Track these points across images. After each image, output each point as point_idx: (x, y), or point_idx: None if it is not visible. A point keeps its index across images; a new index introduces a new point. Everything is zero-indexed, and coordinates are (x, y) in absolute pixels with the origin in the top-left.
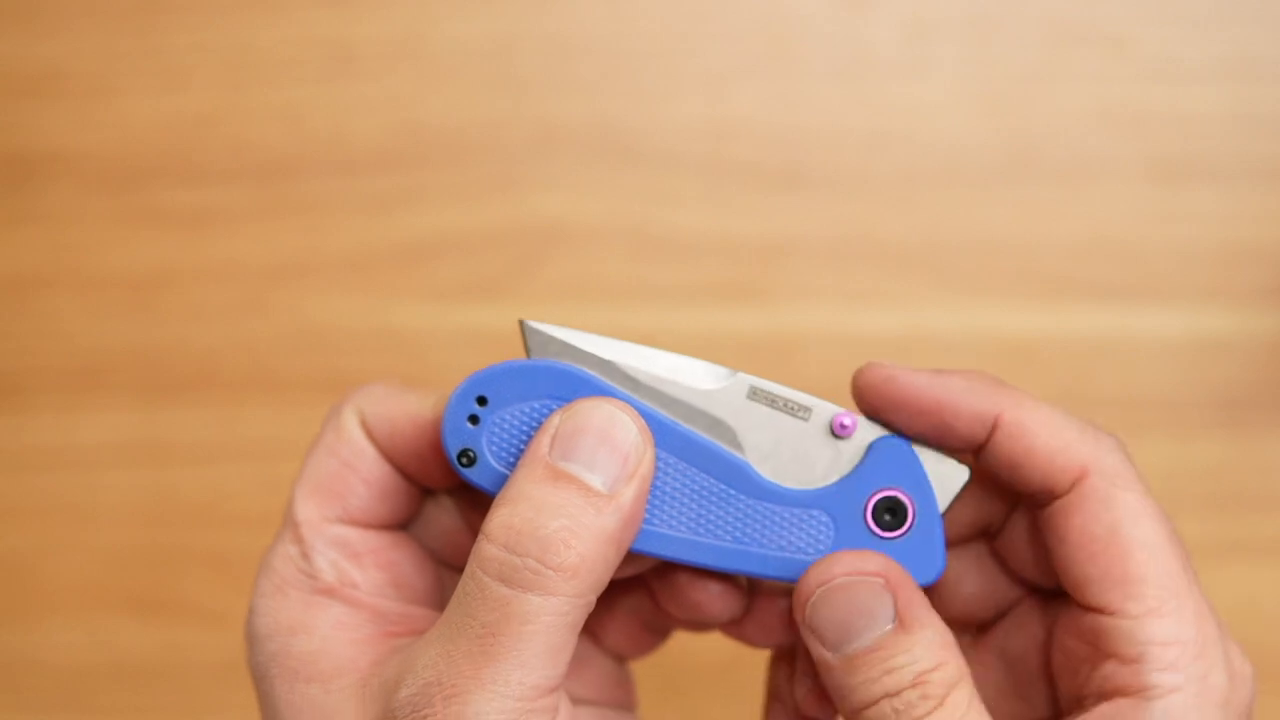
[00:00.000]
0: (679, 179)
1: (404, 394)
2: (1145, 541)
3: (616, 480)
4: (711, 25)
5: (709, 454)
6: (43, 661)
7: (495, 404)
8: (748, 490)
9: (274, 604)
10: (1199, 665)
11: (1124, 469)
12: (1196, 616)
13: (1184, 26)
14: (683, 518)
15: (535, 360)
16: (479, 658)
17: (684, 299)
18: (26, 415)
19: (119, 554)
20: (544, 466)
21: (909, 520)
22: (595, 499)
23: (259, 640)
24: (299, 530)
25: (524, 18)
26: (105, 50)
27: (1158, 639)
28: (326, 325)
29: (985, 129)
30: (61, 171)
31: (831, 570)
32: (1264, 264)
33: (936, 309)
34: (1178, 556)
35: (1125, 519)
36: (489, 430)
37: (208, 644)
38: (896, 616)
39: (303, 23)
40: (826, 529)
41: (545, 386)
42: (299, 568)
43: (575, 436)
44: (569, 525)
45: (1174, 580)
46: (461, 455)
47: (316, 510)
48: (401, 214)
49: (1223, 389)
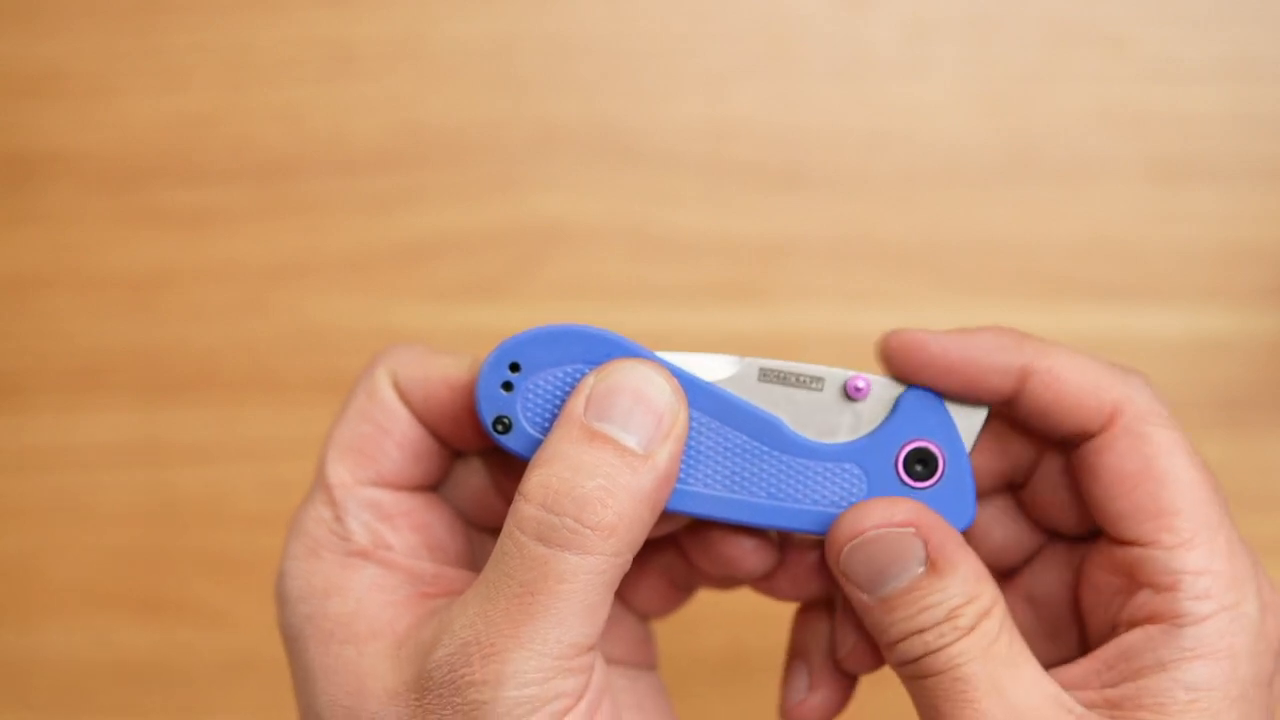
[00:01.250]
0: (679, 179)
1: (437, 355)
2: (1178, 476)
3: (652, 440)
4: (711, 25)
5: (742, 412)
6: (43, 661)
7: (529, 370)
8: (781, 446)
9: (307, 566)
10: (1231, 594)
11: (1155, 406)
12: (1229, 548)
13: (1184, 26)
14: (717, 475)
15: (567, 325)
16: (517, 616)
17: (684, 299)
18: (26, 415)
19: (119, 554)
20: (580, 427)
21: (940, 469)
22: (631, 458)
23: (291, 602)
24: (332, 493)
25: (524, 18)
26: (105, 50)
27: (1191, 568)
28: (326, 325)
29: (985, 129)
30: (61, 171)
31: (861, 523)
32: (1264, 264)
33: (936, 309)
34: (1210, 490)
35: (1159, 454)
36: (523, 396)
37: (208, 644)
38: (928, 560)
39: (303, 23)
40: (860, 481)
41: (578, 351)
42: (332, 530)
43: (610, 397)
44: (605, 485)
45: (1207, 513)
46: (496, 422)
47: (349, 473)
48: (401, 214)
49: (1223, 389)
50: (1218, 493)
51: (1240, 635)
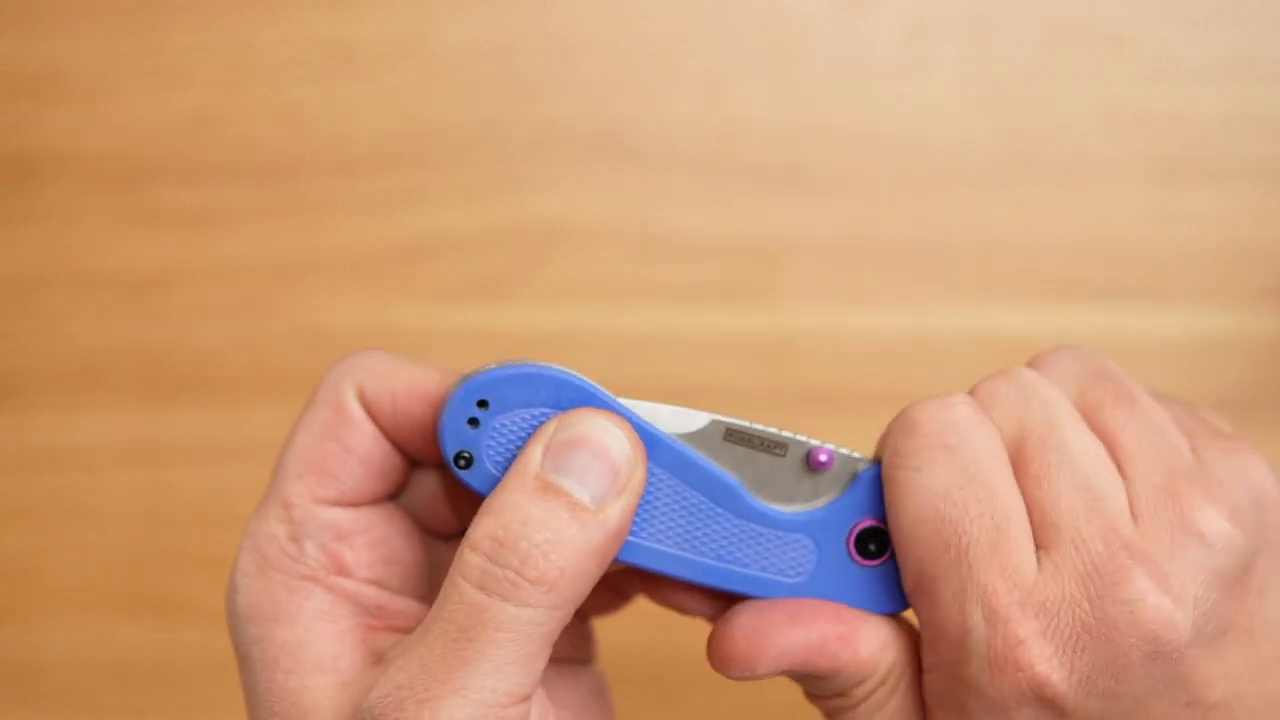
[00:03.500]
0: (679, 179)
1: (405, 366)
2: (908, 530)
3: (606, 495)
4: (711, 25)
5: (702, 471)
6: (43, 661)
7: (495, 409)
8: (736, 510)
9: (257, 584)
10: (954, 653)
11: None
12: (954, 602)
13: (1184, 26)
14: (670, 532)
15: (538, 366)
16: (452, 662)
17: (684, 299)
18: (27, 415)
19: (119, 554)
20: (534, 478)
21: (889, 550)
22: (581, 514)
23: (242, 621)
24: (290, 511)
25: (524, 18)
26: (105, 50)
27: (923, 619)
28: (326, 325)
29: (985, 129)
30: (61, 171)
31: (720, 664)
32: (1264, 264)
33: (936, 309)
34: (940, 538)
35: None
36: (487, 434)
37: (208, 644)
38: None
39: (303, 23)
40: (809, 553)
41: (547, 395)
42: (285, 551)
43: (568, 448)
44: (551, 539)
45: (937, 565)
46: (458, 457)
47: (309, 491)
48: (401, 214)
49: (1223, 389)
50: (960, 537)
51: (963, 694)
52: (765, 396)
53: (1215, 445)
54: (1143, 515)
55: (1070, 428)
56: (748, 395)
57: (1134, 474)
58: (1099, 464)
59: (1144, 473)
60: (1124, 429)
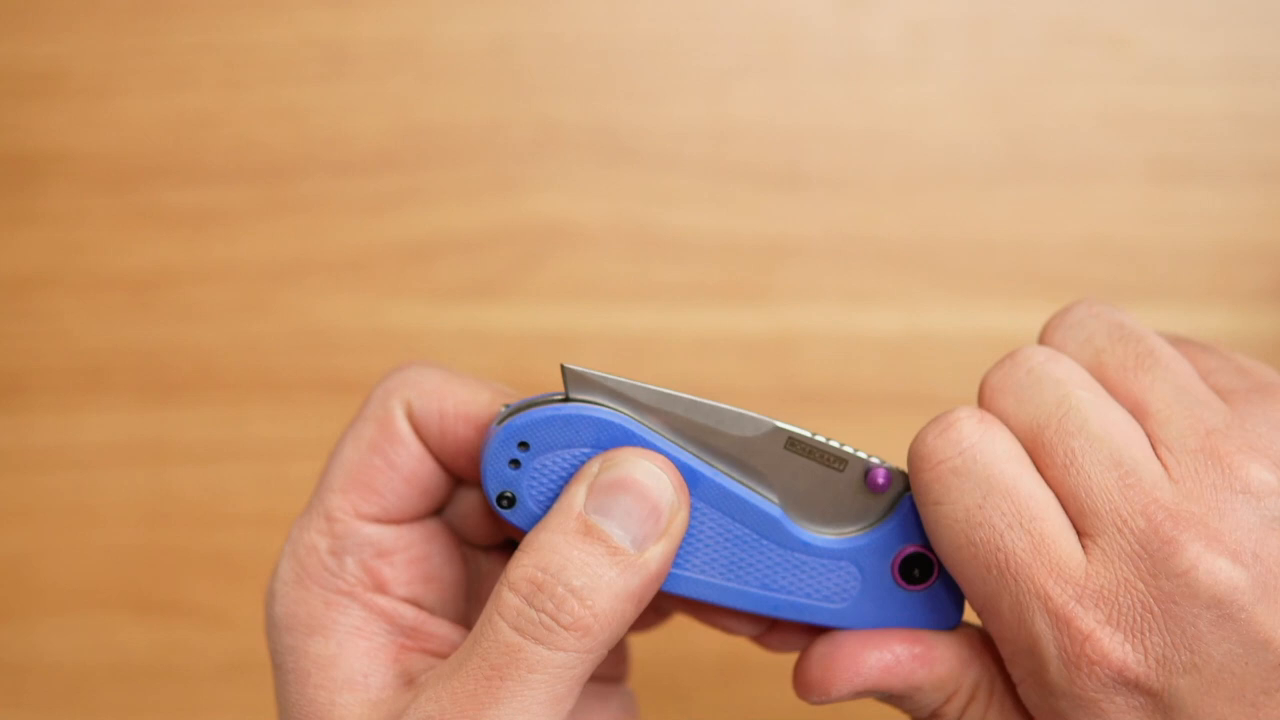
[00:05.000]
0: (679, 179)
1: (455, 384)
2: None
3: (646, 538)
4: (711, 25)
5: (744, 505)
6: (43, 661)
7: (536, 450)
8: (779, 541)
9: (295, 594)
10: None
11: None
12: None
13: (1184, 26)
14: (713, 564)
15: (578, 408)
16: (482, 698)
17: (684, 299)
18: (27, 415)
19: (119, 554)
20: (576, 519)
21: (934, 574)
22: (621, 558)
23: (278, 628)
24: (332, 525)
25: (524, 18)
26: (106, 50)
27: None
28: (326, 325)
29: (985, 129)
30: (61, 171)
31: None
32: (1264, 264)
33: (936, 309)
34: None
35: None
36: (529, 474)
37: (208, 644)
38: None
39: (303, 23)
40: (854, 579)
41: (587, 435)
42: (325, 564)
43: (610, 491)
44: (589, 584)
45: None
46: (501, 498)
47: (352, 506)
48: (401, 214)
49: None
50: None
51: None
52: (765, 396)
53: (1250, 396)
54: (1183, 479)
55: (1089, 404)
56: (747, 395)
57: (1168, 439)
58: (1126, 436)
59: (1178, 436)
60: (1150, 392)
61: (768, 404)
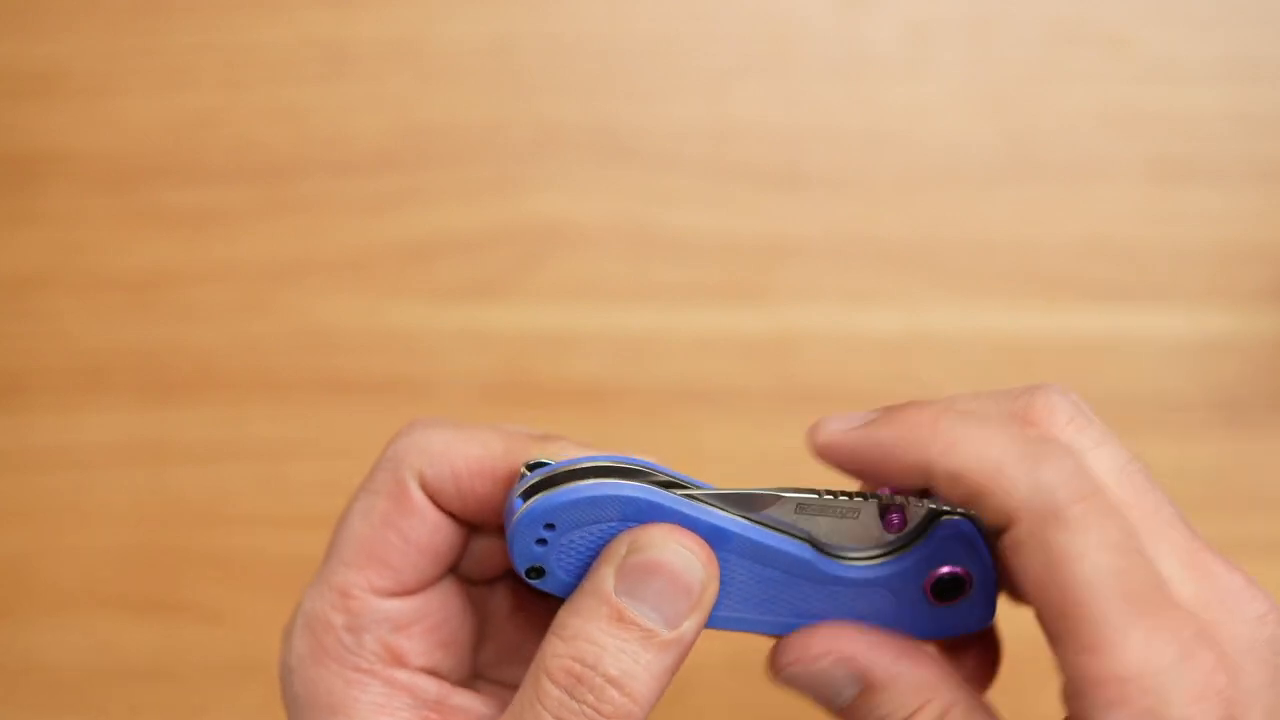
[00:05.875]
0: (679, 179)
1: (465, 442)
2: (1078, 581)
3: (679, 616)
4: (711, 25)
5: (774, 553)
6: (42, 661)
7: (562, 529)
8: (811, 577)
9: (313, 673)
10: (1145, 699)
11: (1057, 504)
12: (1143, 647)
13: (1184, 26)
14: (746, 603)
15: (600, 486)
16: None
17: (684, 299)
18: (27, 415)
19: (119, 554)
20: (608, 604)
21: (967, 590)
22: (655, 639)
23: (297, 706)
24: (348, 601)
25: (524, 18)
26: (106, 50)
27: (1095, 677)
28: (326, 325)
29: (985, 129)
30: (61, 171)
31: (779, 660)
32: (1264, 264)
33: (936, 309)
34: (1121, 587)
35: (1056, 562)
36: (556, 550)
37: (208, 644)
38: (861, 679)
39: (303, 23)
40: (886, 601)
41: (612, 511)
42: (342, 641)
43: (641, 574)
44: (627, 671)
45: (1114, 615)
46: (530, 571)
47: (367, 582)
48: (401, 214)
49: (1223, 389)
50: (1139, 584)
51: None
52: (764, 396)
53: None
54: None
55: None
56: (747, 395)
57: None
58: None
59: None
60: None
61: (767, 404)
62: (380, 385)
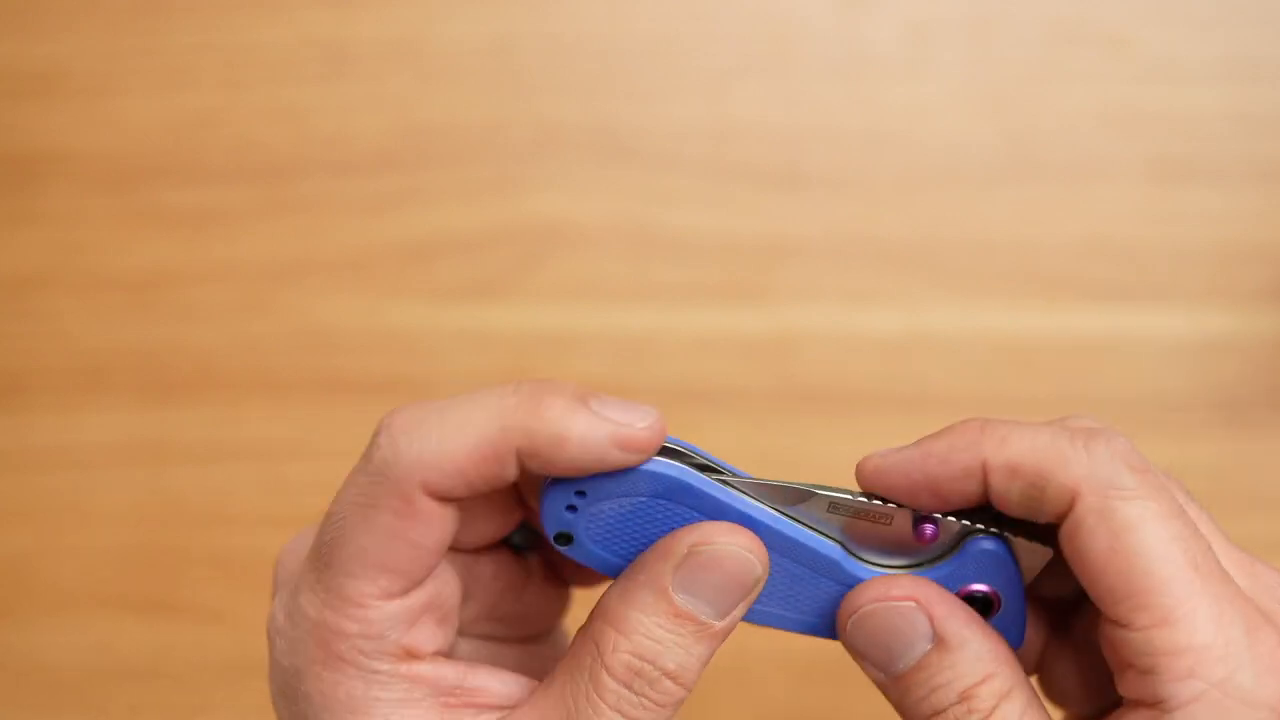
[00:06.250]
0: (679, 179)
1: (457, 435)
2: (1145, 551)
3: (730, 608)
4: (711, 25)
5: (802, 548)
6: (43, 661)
7: (593, 497)
8: (839, 578)
9: (328, 676)
10: (1218, 670)
11: (1117, 476)
12: (1213, 618)
13: (1184, 26)
14: (773, 598)
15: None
16: None
17: (684, 299)
18: (27, 415)
19: (119, 554)
20: (666, 600)
21: (994, 611)
22: (709, 630)
23: (309, 704)
24: (364, 612)
25: (524, 18)
26: (106, 50)
27: (1168, 649)
28: (326, 325)
29: (985, 129)
30: (61, 171)
31: (859, 599)
32: (1264, 264)
33: (936, 309)
34: (1185, 557)
35: (1122, 532)
36: (585, 518)
37: (208, 644)
38: (935, 635)
39: (303, 23)
40: None
41: (644, 486)
42: (360, 648)
43: (702, 573)
44: (683, 662)
45: (1182, 585)
46: (559, 536)
47: (381, 590)
48: (401, 214)
49: (1223, 389)
50: (1201, 554)
51: (1235, 711)
52: (764, 396)
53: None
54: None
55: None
56: (747, 395)
57: None
58: None
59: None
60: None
61: (767, 404)
62: (380, 385)
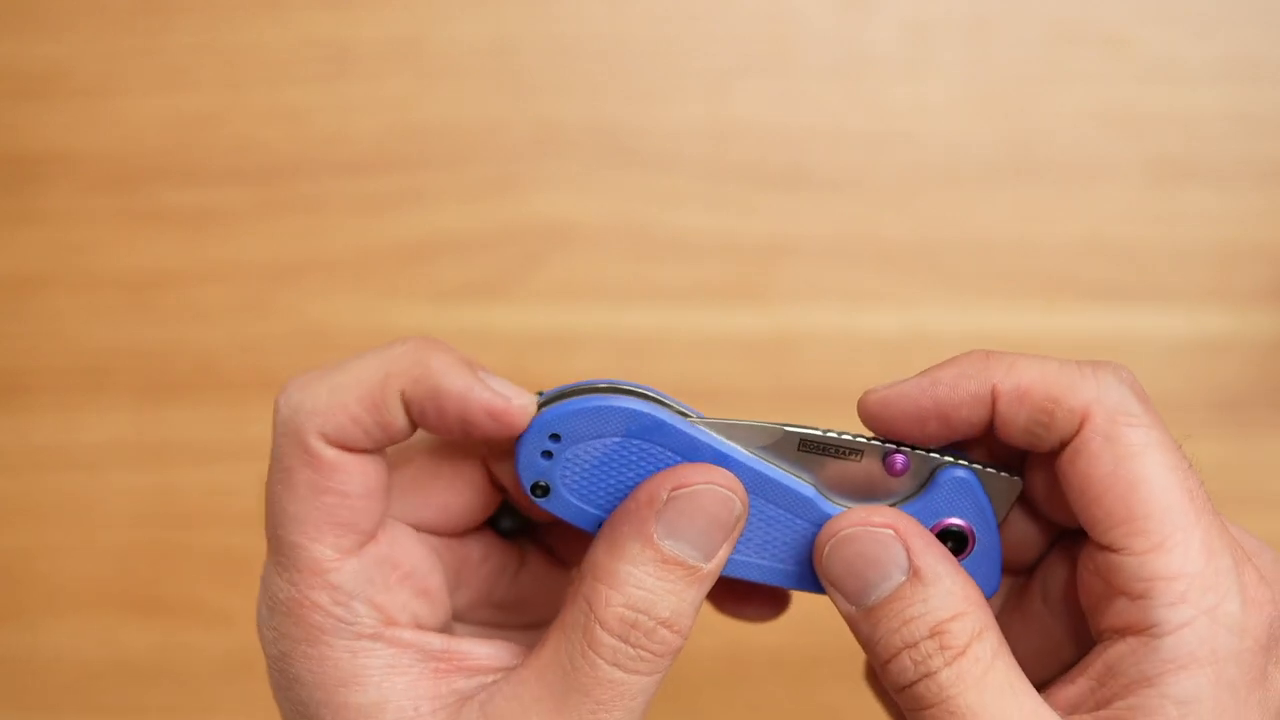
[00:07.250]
0: (680, 179)
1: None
2: (1147, 476)
3: (715, 548)
4: (711, 25)
5: (779, 487)
6: (43, 661)
7: (568, 440)
8: (812, 519)
9: (314, 652)
10: (1209, 596)
11: (1126, 403)
12: (1205, 547)
13: (1184, 26)
14: (748, 544)
15: (607, 399)
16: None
17: (684, 299)
18: (28, 415)
19: (120, 554)
20: (652, 548)
21: (970, 545)
22: (696, 574)
23: (302, 685)
24: (326, 576)
25: (524, 18)
26: (106, 50)
27: (1163, 573)
28: (326, 325)
29: (985, 129)
30: (61, 171)
31: (839, 524)
32: (1264, 264)
33: (936, 309)
34: (1183, 487)
35: (1128, 456)
36: (561, 464)
37: (208, 643)
38: (910, 568)
39: (303, 23)
40: None
41: (618, 425)
42: (335, 615)
43: (685, 517)
44: (676, 609)
45: (1179, 513)
46: (535, 487)
47: (335, 549)
48: (401, 214)
49: (1223, 389)
50: (1195, 488)
51: (1222, 638)
52: (765, 396)
53: None
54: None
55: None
56: (747, 395)
57: None
58: None
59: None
60: None
61: (767, 404)
62: None
